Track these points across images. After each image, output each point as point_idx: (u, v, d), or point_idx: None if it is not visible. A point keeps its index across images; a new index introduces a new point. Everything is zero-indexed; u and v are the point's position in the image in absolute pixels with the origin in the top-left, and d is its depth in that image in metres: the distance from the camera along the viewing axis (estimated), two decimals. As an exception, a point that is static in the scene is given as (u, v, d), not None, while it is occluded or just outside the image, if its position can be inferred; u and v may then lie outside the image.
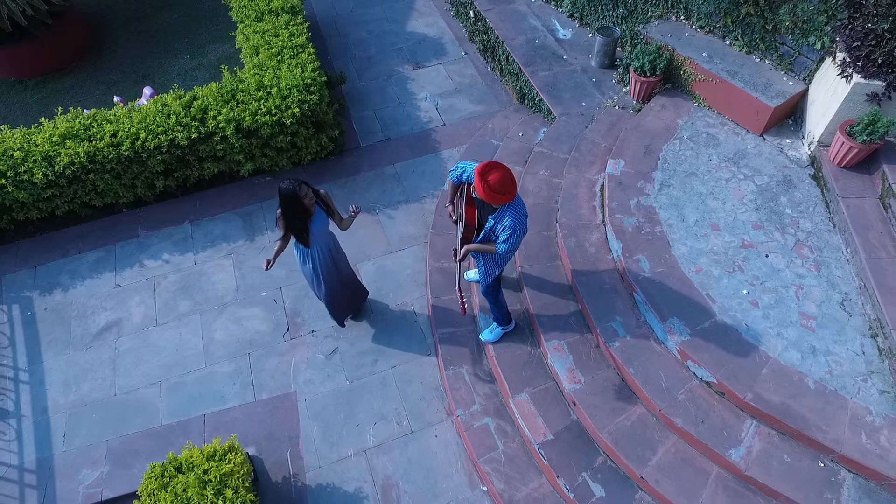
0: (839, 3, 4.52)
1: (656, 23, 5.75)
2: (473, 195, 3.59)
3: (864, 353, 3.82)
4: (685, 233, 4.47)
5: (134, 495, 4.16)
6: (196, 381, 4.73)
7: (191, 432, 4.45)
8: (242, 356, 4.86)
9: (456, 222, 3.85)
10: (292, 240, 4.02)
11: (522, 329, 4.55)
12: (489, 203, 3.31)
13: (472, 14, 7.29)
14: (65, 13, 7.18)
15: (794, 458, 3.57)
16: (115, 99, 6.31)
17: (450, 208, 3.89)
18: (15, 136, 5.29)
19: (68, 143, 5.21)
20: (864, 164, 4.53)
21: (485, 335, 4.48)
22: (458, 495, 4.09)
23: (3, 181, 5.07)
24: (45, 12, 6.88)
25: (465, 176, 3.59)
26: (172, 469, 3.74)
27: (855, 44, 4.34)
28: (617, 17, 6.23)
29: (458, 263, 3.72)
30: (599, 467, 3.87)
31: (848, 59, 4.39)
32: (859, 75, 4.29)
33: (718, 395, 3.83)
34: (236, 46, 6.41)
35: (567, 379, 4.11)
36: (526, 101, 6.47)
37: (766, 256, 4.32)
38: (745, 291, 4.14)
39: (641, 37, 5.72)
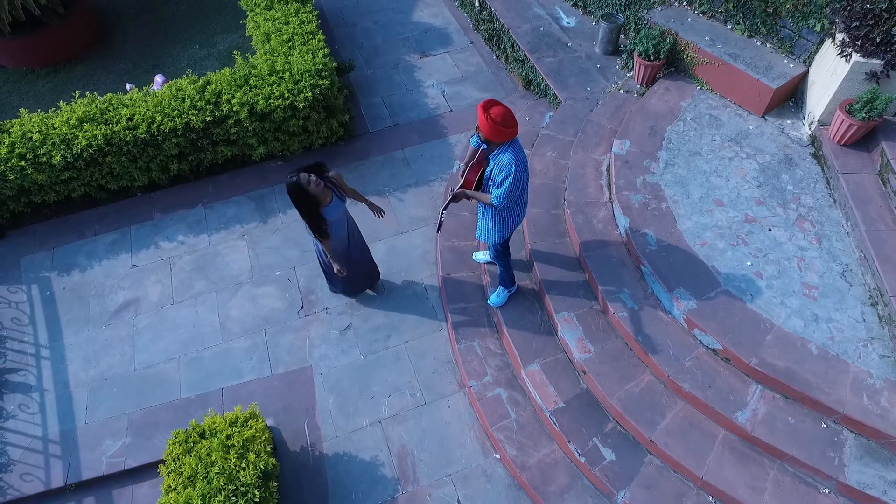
0: (837, -16, 4.65)
1: (659, 8, 5.88)
2: (482, 145, 3.71)
3: (864, 320, 3.95)
4: (690, 208, 4.60)
5: (155, 464, 4.27)
6: (213, 356, 4.85)
7: (209, 404, 4.56)
8: (258, 332, 4.97)
9: (461, 176, 3.94)
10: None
11: (532, 303, 4.67)
12: (492, 140, 3.43)
13: (477, 3, 7.41)
14: (76, 3, 7.29)
15: (798, 419, 3.70)
16: (128, 86, 6.42)
17: (462, 167, 4.01)
18: (33, 120, 5.40)
19: (86, 125, 5.31)
20: (863, 141, 4.67)
21: (492, 299, 4.62)
22: (472, 462, 4.21)
23: (23, 163, 5.18)
24: (58, 2, 6.98)
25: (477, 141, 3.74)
26: (196, 435, 3.85)
27: (854, 24, 4.47)
28: (620, 4, 6.36)
29: (448, 200, 3.78)
30: (609, 433, 3.99)
31: (847, 39, 4.53)
32: (858, 54, 4.43)
33: (724, 361, 3.96)
34: (247, 34, 6.52)
35: (577, 349, 4.23)
36: (531, 88, 6.59)
37: (769, 230, 4.45)
38: (748, 263, 4.27)
39: (645, 22, 5.85)
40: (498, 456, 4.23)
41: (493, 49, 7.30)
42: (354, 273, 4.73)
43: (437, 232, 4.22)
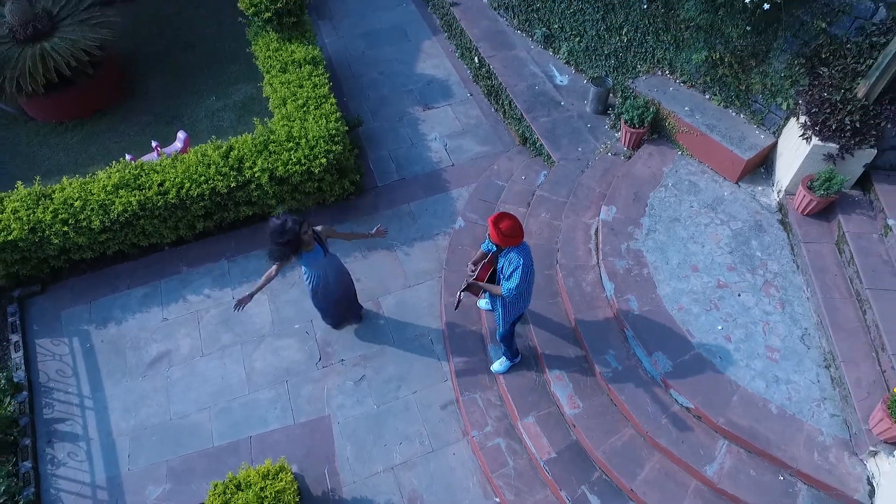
0: (801, 70, 5.20)
1: (644, 77, 6.41)
2: (492, 248, 4.27)
3: (818, 381, 4.50)
4: (669, 274, 5.15)
5: (192, 508, 4.81)
6: (241, 406, 5.38)
7: (240, 452, 5.10)
8: (281, 383, 5.51)
9: (470, 275, 4.49)
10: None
11: (528, 359, 5.21)
12: (502, 246, 3.98)
13: (476, 60, 7.94)
14: (103, 62, 7.79)
15: (759, 472, 4.25)
16: (153, 144, 6.93)
17: (470, 266, 4.54)
18: (73, 186, 5.92)
19: (121, 192, 5.84)
20: (824, 213, 5.21)
21: (495, 367, 5.15)
22: (475, 506, 4.76)
23: (66, 228, 5.70)
24: (87, 63, 7.49)
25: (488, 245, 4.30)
26: (233, 487, 4.39)
27: (813, 109, 5.02)
28: (609, 67, 6.90)
29: (463, 285, 4.35)
30: (596, 481, 4.54)
31: (808, 122, 5.07)
32: (817, 138, 4.97)
33: (696, 418, 4.51)
34: (264, 95, 7.05)
35: (567, 404, 4.78)
36: (527, 145, 7.13)
37: (739, 295, 5.00)
38: (719, 327, 4.82)
39: (631, 91, 6.39)
40: (498, 500, 4.77)
41: (492, 103, 7.83)
42: (338, 310, 5.39)
43: (455, 309, 4.75)
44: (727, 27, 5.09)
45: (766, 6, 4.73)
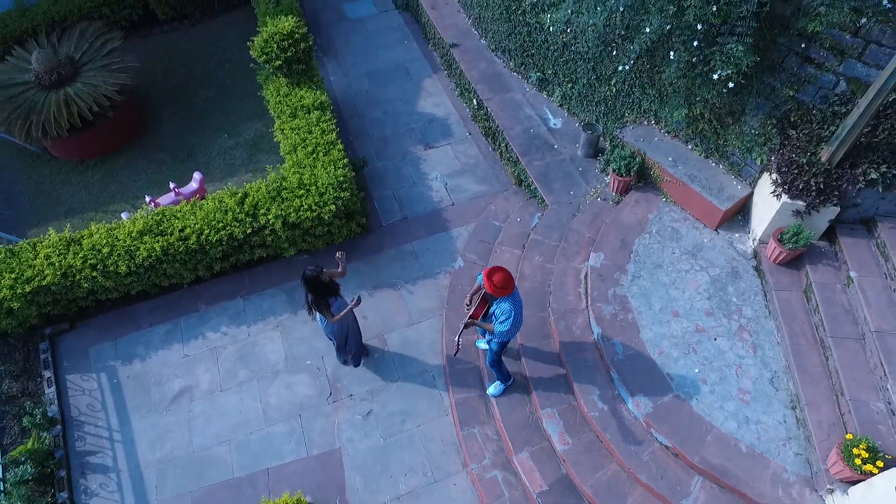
0: (773, 130, 5.67)
1: (631, 127, 6.88)
2: (485, 293, 4.74)
3: (785, 422, 4.97)
4: (651, 319, 5.61)
5: (216, 535, 5.26)
6: (258, 439, 5.84)
7: (257, 483, 5.56)
8: (294, 417, 5.97)
9: (466, 309, 4.96)
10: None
11: (522, 395, 5.68)
12: (495, 296, 4.46)
13: (475, 101, 8.40)
14: (123, 104, 8.24)
15: (730, 506, 4.72)
16: (171, 185, 7.38)
17: (466, 301, 5.01)
18: (100, 232, 6.38)
19: (145, 238, 6.30)
20: (794, 262, 5.68)
21: (490, 391, 5.63)
22: (474, 533, 5.22)
23: (94, 273, 6.16)
24: (108, 107, 7.95)
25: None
26: (254, 519, 4.85)
27: (783, 169, 5.48)
28: (599, 112, 7.35)
29: (461, 329, 4.84)
30: (583, 512, 5.00)
31: (779, 180, 5.53)
32: (786, 196, 5.43)
33: (674, 456, 4.97)
34: (275, 140, 7.50)
35: (558, 441, 5.24)
36: (522, 186, 7.59)
37: (715, 339, 5.47)
38: (696, 370, 5.28)
39: (619, 140, 6.85)
40: (494, 528, 5.23)
41: (490, 143, 8.29)
42: (354, 350, 5.84)
43: (454, 355, 5.22)
44: (704, 91, 5.55)
45: (731, 85, 5.19)
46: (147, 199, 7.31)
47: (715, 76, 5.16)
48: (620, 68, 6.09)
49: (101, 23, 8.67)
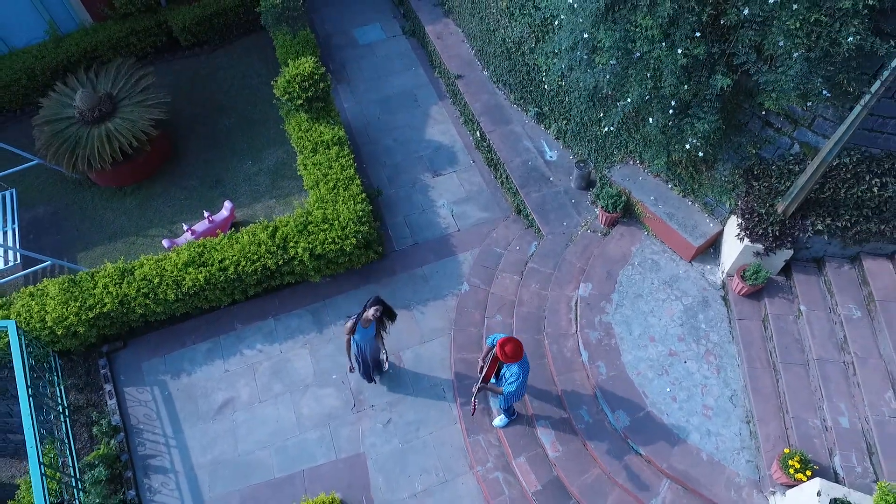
0: (739, 180, 6.53)
1: (619, 166, 7.72)
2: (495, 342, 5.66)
3: (740, 434, 5.94)
4: (631, 344, 6.55)
5: (261, 527, 6.26)
6: (294, 445, 6.82)
7: (295, 483, 6.55)
8: (324, 426, 6.93)
9: (481, 371, 5.87)
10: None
11: (520, 409, 6.63)
12: (505, 362, 5.35)
13: (478, 133, 9.22)
14: (156, 136, 9.03)
15: (692, 504, 5.71)
16: (206, 214, 8.24)
17: (480, 363, 5.92)
18: (150, 263, 7.25)
19: (190, 269, 7.18)
20: (755, 294, 6.59)
21: (496, 423, 6.57)
22: (479, 525, 6.22)
23: (147, 300, 7.06)
24: (145, 141, 8.75)
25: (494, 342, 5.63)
26: (297, 515, 5.84)
27: (746, 216, 6.35)
28: (591, 148, 8.18)
29: (475, 392, 5.77)
30: (571, 508, 6.00)
31: (742, 225, 6.41)
32: (748, 239, 6.32)
33: (646, 462, 5.95)
34: (298, 173, 8.34)
35: (550, 448, 6.22)
36: (521, 215, 8.45)
37: (685, 362, 6.41)
38: (668, 389, 6.23)
39: (607, 179, 7.70)
40: (496, 521, 6.23)
41: (492, 171, 9.12)
42: (367, 367, 6.76)
43: (472, 415, 6.16)
44: (679, 147, 6.38)
45: (701, 154, 6.05)
46: (185, 227, 8.18)
47: (686, 145, 6.00)
48: (606, 129, 6.91)
49: (133, 59, 9.39)
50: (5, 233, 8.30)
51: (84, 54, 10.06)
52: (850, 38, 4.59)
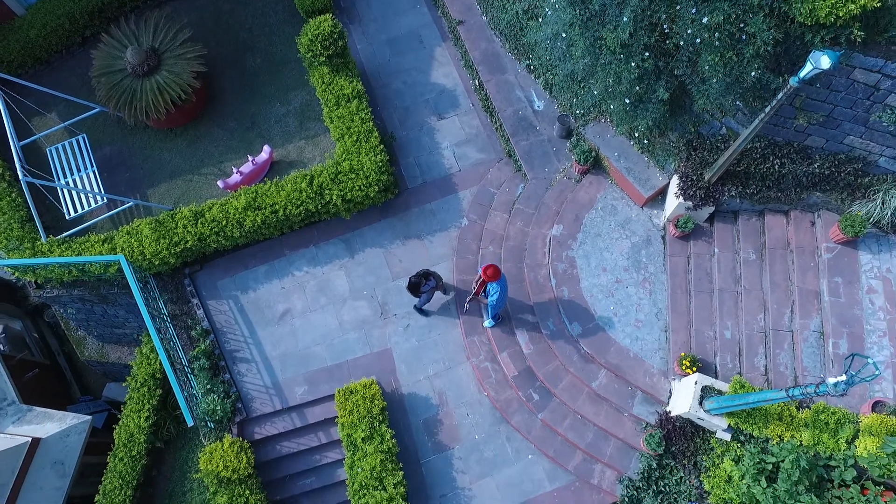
0: (683, 147, 8.30)
1: (592, 125, 9.35)
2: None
3: (658, 340, 8.39)
4: (588, 273, 8.77)
5: (319, 400, 8.98)
6: (339, 343, 9.34)
7: (342, 370, 9.17)
8: (360, 329, 9.41)
9: (473, 288, 8.12)
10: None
11: (505, 320, 9.05)
12: (487, 281, 7.59)
13: (476, 81, 10.61)
14: (198, 85, 10.42)
15: (621, 386, 8.32)
16: (249, 157, 9.99)
17: (474, 285, 8.13)
18: (216, 207, 9.21)
19: (248, 212, 9.16)
20: (685, 237, 8.67)
21: (486, 324, 8.99)
22: (473, 398, 8.94)
23: (218, 237, 9.15)
24: (191, 91, 10.20)
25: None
26: (348, 392, 8.50)
27: (682, 179, 8.22)
28: (572, 102, 9.72)
29: (467, 301, 8.09)
30: (537, 388, 8.65)
31: (679, 185, 8.29)
32: (682, 198, 8.24)
33: (591, 358, 8.48)
34: (325, 124, 9.94)
35: (525, 347, 8.72)
36: (512, 159, 10.20)
37: (627, 287, 8.68)
38: (612, 308, 8.58)
39: (582, 136, 9.38)
40: (486, 394, 8.95)
41: (488, 116, 10.66)
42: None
43: (463, 313, 8.44)
44: (636, 122, 8.02)
45: (645, 140, 7.72)
46: (234, 169, 10.00)
47: (640, 126, 7.67)
48: (578, 112, 8.47)
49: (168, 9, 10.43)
50: (88, 175, 10.10)
51: (116, -3, 11.01)
52: (753, 74, 6.17)
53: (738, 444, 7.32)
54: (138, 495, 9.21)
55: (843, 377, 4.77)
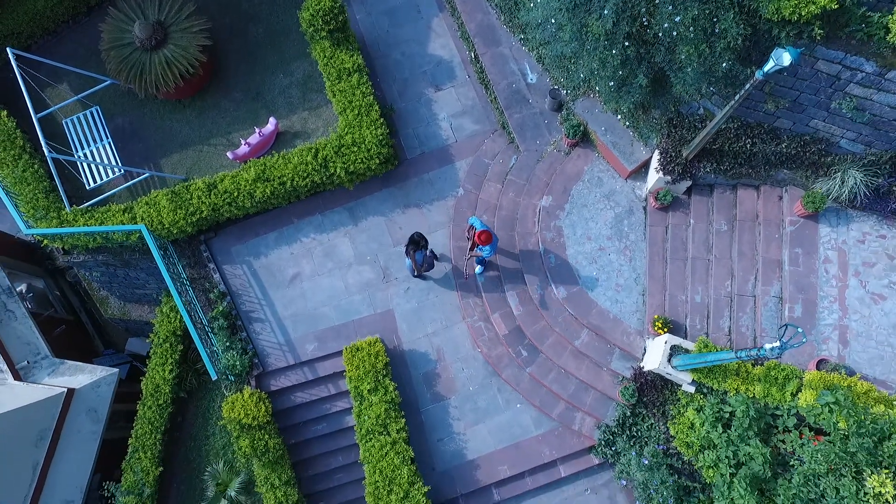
0: (665, 125, 8.88)
1: (581, 100, 9.87)
2: (474, 223, 8.64)
3: (636, 303, 9.23)
4: (574, 241, 9.52)
5: (328, 356, 9.91)
6: (345, 304, 10.19)
7: (349, 329, 10.06)
8: (364, 291, 10.24)
9: (468, 240, 8.89)
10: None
11: (497, 284, 9.86)
12: (481, 245, 8.37)
13: (472, 54, 11.00)
14: (204, 58, 10.81)
15: (600, 344, 9.23)
16: (256, 129, 10.53)
17: (466, 234, 8.87)
18: (227, 180, 9.85)
19: (258, 184, 9.81)
20: (664, 208, 9.36)
21: (476, 271, 9.81)
22: (468, 354, 9.88)
23: (231, 207, 9.83)
24: (198, 65, 10.61)
25: (474, 222, 8.56)
26: (354, 349, 9.41)
27: (662, 155, 8.85)
28: (563, 77, 10.20)
29: (465, 260, 8.89)
30: (526, 345, 9.57)
31: (660, 160, 8.93)
32: (661, 172, 8.89)
33: (574, 319, 9.34)
34: (328, 97, 10.43)
35: (515, 308, 9.57)
36: (505, 131, 10.74)
37: (609, 255, 9.45)
38: (594, 274, 9.38)
39: (571, 111, 9.90)
40: (479, 351, 9.88)
41: (483, 88, 11.12)
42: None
43: (465, 279, 9.23)
44: (621, 101, 8.56)
45: (630, 117, 8.27)
46: (242, 141, 10.55)
47: (624, 108, 8.23)
48: (566, 93, 8.96)
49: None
50: (104, 146, 10.65)
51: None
52: (724, 65, 6.72)
53: (701, 396, 8.28)
54: (166, 439, 10.29)
55: (777, 343, 5.61)
